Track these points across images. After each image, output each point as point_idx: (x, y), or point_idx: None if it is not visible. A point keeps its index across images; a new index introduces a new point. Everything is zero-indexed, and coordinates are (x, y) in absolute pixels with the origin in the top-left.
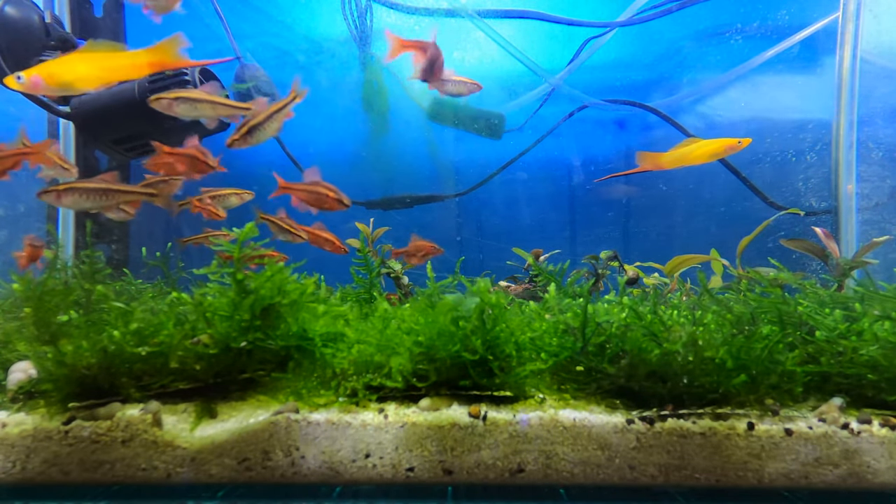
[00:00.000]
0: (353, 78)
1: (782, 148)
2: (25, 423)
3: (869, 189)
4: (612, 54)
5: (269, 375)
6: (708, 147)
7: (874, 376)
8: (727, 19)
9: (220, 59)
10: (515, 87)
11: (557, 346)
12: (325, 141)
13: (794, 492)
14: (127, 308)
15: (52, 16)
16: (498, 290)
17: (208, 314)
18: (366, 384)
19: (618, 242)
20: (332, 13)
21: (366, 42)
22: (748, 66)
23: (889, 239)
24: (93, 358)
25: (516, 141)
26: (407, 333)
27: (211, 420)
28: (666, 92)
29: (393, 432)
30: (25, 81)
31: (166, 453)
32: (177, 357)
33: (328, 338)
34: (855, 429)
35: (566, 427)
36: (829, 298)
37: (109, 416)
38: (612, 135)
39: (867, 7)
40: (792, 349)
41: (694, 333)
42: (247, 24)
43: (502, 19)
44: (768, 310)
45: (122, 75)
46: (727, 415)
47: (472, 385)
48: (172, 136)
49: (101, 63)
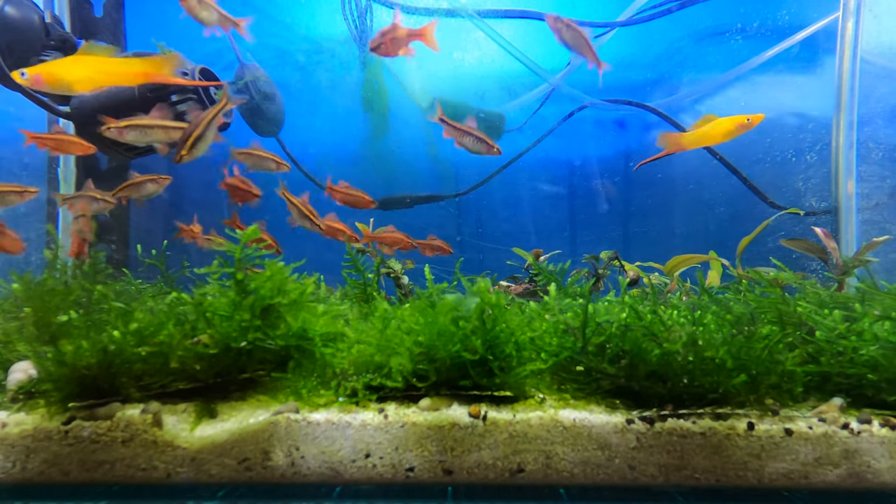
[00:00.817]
0: (353, 78)
1: (782, 148)
2: (25, 423)
3: (869, 189)
4: (612, 54)
5: (269, 375)
6: (722, 125)
7: (874, 376)
8: (727, 19)
9: (210, 83)
10: (515, 87)
11: (557, 346)
12: (325, 141)
13: (794, 492)
14: (127, 308)
15: (52, 16)
16: (498, 290)
17: (208, 314)
18: (366, 384)
19: (618, 242)
20: (332, 13)
21: (366, 42)
22: (748, 66)
23: (889, 239)
24: (93, 358)
25: (516, 141)
26: (407, 333)
27: (211, 420)
28: (666, 92)
29: (393, 432)
30: (28, 78)
31: (166, 453)
32: (177, 357)
33: (328, 338)
34: (855, 429)
35: (566, 427)
36: (829, 298)
37: (109, 416)
38: (612, 135)
39: (867, 7)
40: (792, 349)
41: (694, 333)
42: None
43: (502, 19)
44: (768, 310)
45: (115, 80)
46: (727, 415)
47: (472, 385)
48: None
49: (97, 67)
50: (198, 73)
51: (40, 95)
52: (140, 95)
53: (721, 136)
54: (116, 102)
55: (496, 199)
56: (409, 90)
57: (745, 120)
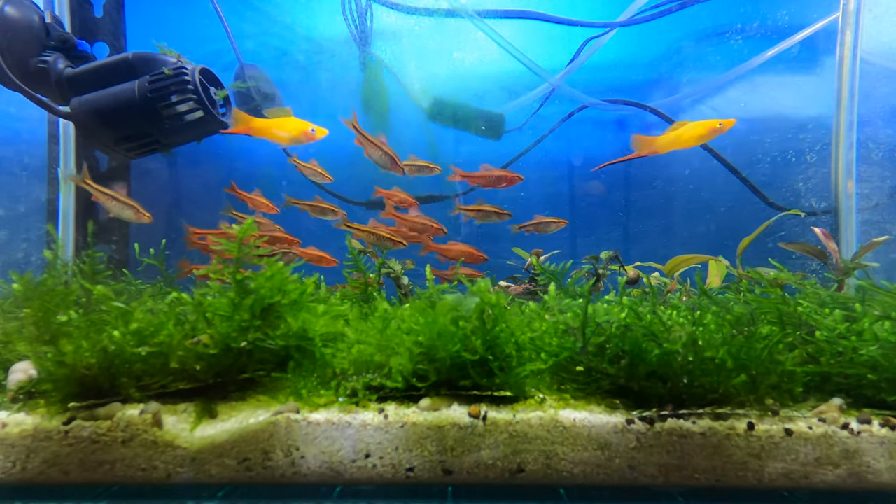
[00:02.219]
0: (353, 78)
1: (782, 148)
2: (25, 423)
3: (869, 189)
4: (612, 54)
5: (269, 375)
6: (695, 130)
7: (874, 376)
8: (727, 19)
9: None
10: (515, 87)
11: (557, 347)
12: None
13: (794, 492)
14: (127, 308)
15: (52, 16)
16: (498, 291)
17: (208, 314)
18: (366, 384)
19: (618, 242)
20: (332, 13)
21: (366, 42)
22: (748, 67)
23: (889, 239)
24: (93, 358)
25: (516, 141)
26: (407, 333)
27: (211, 420)
28: (666, 92)
29: (393, 432)
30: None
31: (166, 453)
32: (177, 357)
33: (328, 338)
34: (855, 429)
35: (566, 427)
36: (830, 298)
37: (109, 416)
38: (612, 135)
39: (867, 7)
40: (792, 349)
41: (694, 333)
42: (247, 24)
43: (502, 19)
44: (768, 310)
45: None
46: (727, 415)
47: (472, 385)
48: (172, 136)
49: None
50: (198, 73)
51: (40, 96)
52: (140, 95)
53: (694, 139)
54: (117, 103)
55: (496, 199)
56: (409, 90)
57: (717, 125)
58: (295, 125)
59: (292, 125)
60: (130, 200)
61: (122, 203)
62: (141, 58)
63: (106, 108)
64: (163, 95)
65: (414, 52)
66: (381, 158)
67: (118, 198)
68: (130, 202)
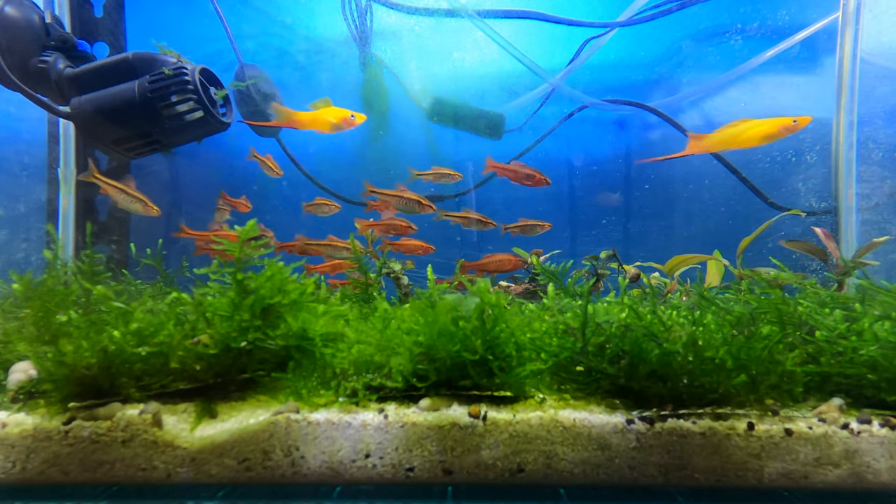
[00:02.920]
0: (353, 78)
1: (782, 148)
2: (25, 423)
3: (869, 189)
4: (612, 54)
5: (269, 375)
6: (760, 128)
7: (874, 376)
8: (727, 19)
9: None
10: (515, 87)
11: (557, 347)
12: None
13: (794, 492)
14: (127, 308)
15: (52, 16)
16: (498, 290)
17: (208, 314)
18: (366, 384)
19: (618, 242)
20: (332, 13)
21: (366, 42)
22: (748, 67)
23: (889, 239)
24: (93, 358)
25: (516, 141)
26: (407, 333)
27: (211, 420)
28: (666, 92)
29: (393, 432)
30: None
31: (166, 453)
32: (177, 357)
33: (328, 338)
34: (855, 429)
35: (566, 427)
36: (830, 298)
37: (109, 416)
38: (612, 135)
39: (867, 7)
40: (792, 349)
41: (694, 333)
42: (247, 24)
43: (502, 19)
44: (768, 310)
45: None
46: (727, 415)
47: (472, 385)
48: (172, 136)
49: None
50: (198, 73)
51: (40, 96)
52: (140, 95)
53: (756, 139)
54: (117, 103)
55: (496, 199)
56: (409, 90)
57: (790, 122)
58: (335, 113)
59: (333, 113)
60: (139, 194)
61: (132, 196)
62: (141, 58)
63: (106, 108)
64: (163, 95)
65: (414, 52)
66: (407, 206)
67: (127, 191)
68: (139, 195)
